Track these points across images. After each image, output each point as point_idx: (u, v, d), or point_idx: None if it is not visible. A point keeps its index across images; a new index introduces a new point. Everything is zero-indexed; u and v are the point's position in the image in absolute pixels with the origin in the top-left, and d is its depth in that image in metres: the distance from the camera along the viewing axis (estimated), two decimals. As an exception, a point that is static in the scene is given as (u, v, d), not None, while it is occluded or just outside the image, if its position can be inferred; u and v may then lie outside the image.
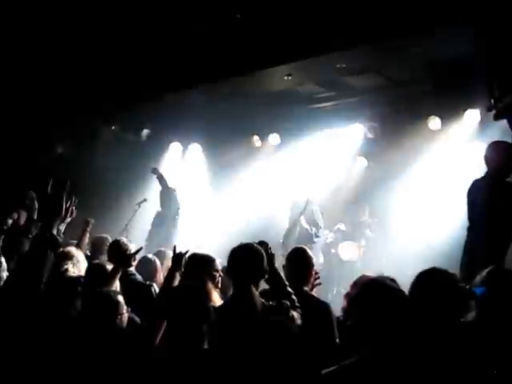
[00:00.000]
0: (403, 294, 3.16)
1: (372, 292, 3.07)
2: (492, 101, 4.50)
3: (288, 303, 3.90)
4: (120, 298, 3.83)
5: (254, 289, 3.89)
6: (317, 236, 9.25)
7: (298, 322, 3.88)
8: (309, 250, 5.02)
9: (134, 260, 5.04)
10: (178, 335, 3.54)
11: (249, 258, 4.02)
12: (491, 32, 5.04)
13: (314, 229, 9.20)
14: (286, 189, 10.68)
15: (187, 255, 4.72)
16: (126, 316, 3.77)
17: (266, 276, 4.10)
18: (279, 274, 4.18)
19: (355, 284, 4.76)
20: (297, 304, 4.03)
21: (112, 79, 9.49)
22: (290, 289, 4.13)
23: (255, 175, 11.81)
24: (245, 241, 4.34)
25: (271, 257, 4.18)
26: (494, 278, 3.69)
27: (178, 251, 4.31)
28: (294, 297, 4.07)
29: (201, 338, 3.53)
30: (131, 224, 10.49)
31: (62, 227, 4.28)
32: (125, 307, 3.79)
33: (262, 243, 4.25)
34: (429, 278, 3.51)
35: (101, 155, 12.00)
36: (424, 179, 10.07)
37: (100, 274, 4.84)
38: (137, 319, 4.32)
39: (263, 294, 4.42)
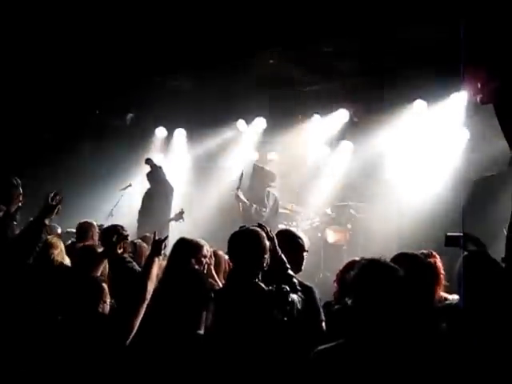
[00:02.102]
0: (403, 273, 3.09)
1: (373, 272, 3.01)
2: (478, 85, 4.49)
3: (287, 288, 3.89)
4: (105, 285, 3.80)
5: (254, 274, 3.86)
6: (257, 213, 9.09)
7: (298, 306, 3.88)
8: (298, 232, 5.00)
9: (120, 248, 4.97)
10: (175, 320, 3.52)
11: (249, 242, 3.99)
12: (477, 15, 5.03)
13: (254, 205, 9.21)
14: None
15: (177, 239, 4.73)
16: (108, 306, 3.75)
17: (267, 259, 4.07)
18: (280, 257, 4.10)
19: (344, 268, 4.74)
20: (298, 288, 4.01)
21: (97, 64, 9.40)
22: (291, 272, 4.09)
23: (241, 160, 11.73)
24: (230, 225, 4.33)
25: (271, 239, 4.13)
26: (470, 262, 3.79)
27: (157, 237, 4.31)
28: (294, 280, 4.04)
29: (198, 323, 3.52)
30: (116, 209, 10.46)
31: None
32: (108, 296, 3.77)
33: (261, 226, 4.21)
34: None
35: (86, 140, 11.93)
36: (409, 162, 10.10)
37: (88, 257, 4.84)
38: None
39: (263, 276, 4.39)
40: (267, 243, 4.02)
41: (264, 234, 4.04)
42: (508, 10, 4.33)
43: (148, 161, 11.08)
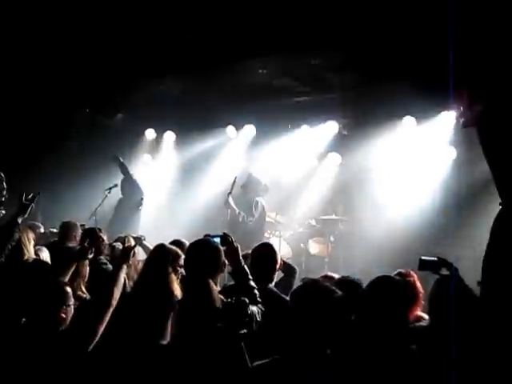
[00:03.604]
0: (340, 297, 3.25)
1: (306, 294, 3.19)
2: (461, 108, 4.48)
3: (247, 300, 3.86)
4: (68, 289, 3.76)
5: (210, 285, 3.82)
6: (244, 222, 9.17)
7: (258, 317, 3.86)
8: (274, 245, 5.02)
9: (92, 252, 4.89)
10: (137, 328, 3.49)
11: (200, 252, 4.05)
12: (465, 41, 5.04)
13: (242, 213, 9.23)
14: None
15: (156, 245, 4.71)
16: (72, 309, 3.70)
17: (223, 270, 4.09)
18: (243, 268, 4.11)
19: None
20: (259, 299, 4.00)
21: (86, 63, 9.38)
22: (253, 283, 4.08)
23: (228, 165, 11.70)
24: (212, 231, 4.36)
25: (236, 249, 4.15)
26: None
27: (127, 244, 4.29)
28: (256, 291, 4.04)
29: (161, 332, 3.50)
30: (101, 209, 10.40)
31: None
32: (72, 299, 3.72)
33: (226, 235, 4.22)
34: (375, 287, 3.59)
35: (74, 138, 11.88)
36: (396, 178, 10.10)
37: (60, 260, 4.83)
38: None
39: (227, 288, 4.39)
40: (221, 253, 4.02)
41: (217, 245, 4.06)
42: (492, 33, 4.33)
43: (114, 158, 11.03)
